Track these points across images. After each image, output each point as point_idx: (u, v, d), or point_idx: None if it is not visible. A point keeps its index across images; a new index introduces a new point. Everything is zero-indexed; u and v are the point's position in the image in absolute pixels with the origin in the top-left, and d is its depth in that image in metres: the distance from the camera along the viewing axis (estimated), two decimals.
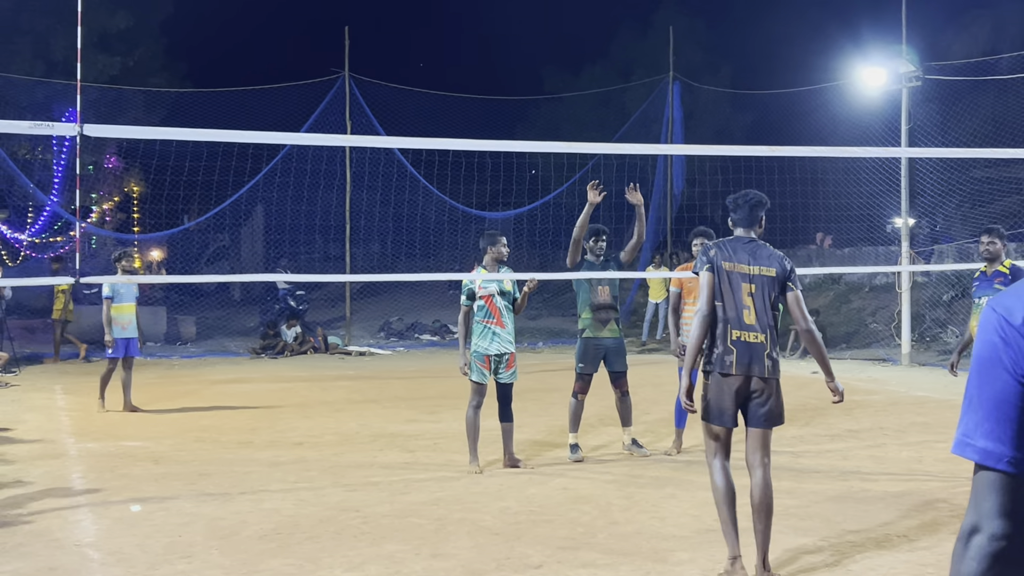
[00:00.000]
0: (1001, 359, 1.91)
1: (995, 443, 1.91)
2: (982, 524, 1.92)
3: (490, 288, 9.13)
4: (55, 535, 6.97)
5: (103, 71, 23.96)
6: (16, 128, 9.93)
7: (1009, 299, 1.96)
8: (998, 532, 1.90)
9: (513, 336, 9.23)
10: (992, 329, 1.95)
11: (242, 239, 34.13)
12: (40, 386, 15.70)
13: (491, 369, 9.10)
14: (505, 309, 9.14)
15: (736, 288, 5.99)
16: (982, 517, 1.93)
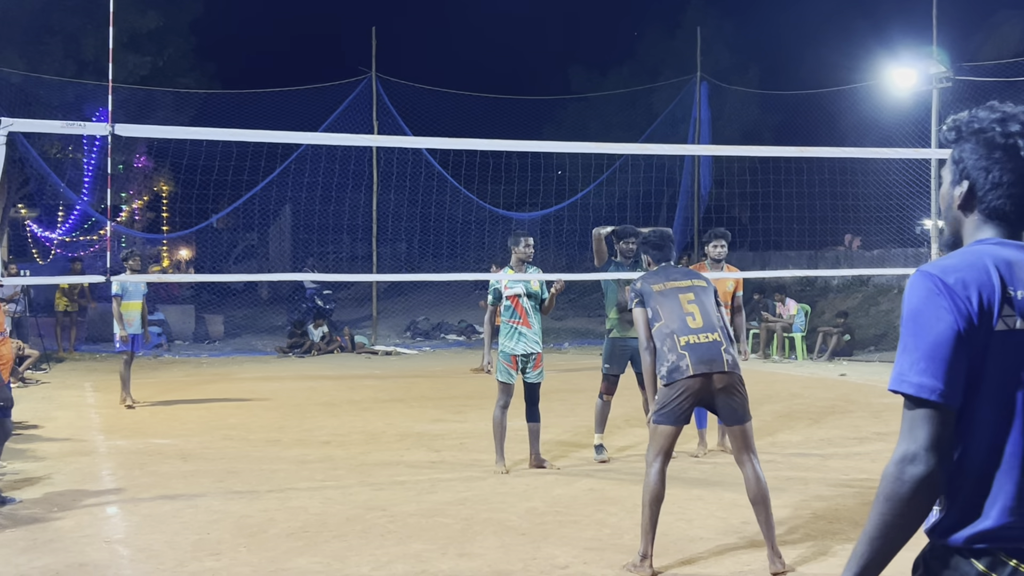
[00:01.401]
0: (935, 310, 2.17)
1: (929, 378, 2.14)
2: (914, 451, 2.14)
3: (516, 289, 9.14)
4: (85, 531, 7.04)
5: (133, 71, 24.08)
6: (49, 127, 10.02)
7: (942, 264, 2.25)
8: (928, 457, 2.12)
9: (540, 336, 9.23)
10: (926, 287, 2.21)
11: (270, 238, 34.29)
12: (70, 383, 15.83)
13: (518, 369, 9.11)
14: (532, 310, 9.13)
15: (673, 301, 6.25)
16: (916, 446, 2.14)
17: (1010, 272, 2.23)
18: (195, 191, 21.11)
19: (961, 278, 2.20)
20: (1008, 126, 2.31)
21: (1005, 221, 2.34)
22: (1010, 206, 2.32)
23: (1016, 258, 2.26)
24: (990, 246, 2.30)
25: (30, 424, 11.62)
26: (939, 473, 2.13)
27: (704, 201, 25.99)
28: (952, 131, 2.44)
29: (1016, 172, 2.30)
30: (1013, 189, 2.31)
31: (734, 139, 27.30)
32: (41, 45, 23.10)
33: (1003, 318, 2.18)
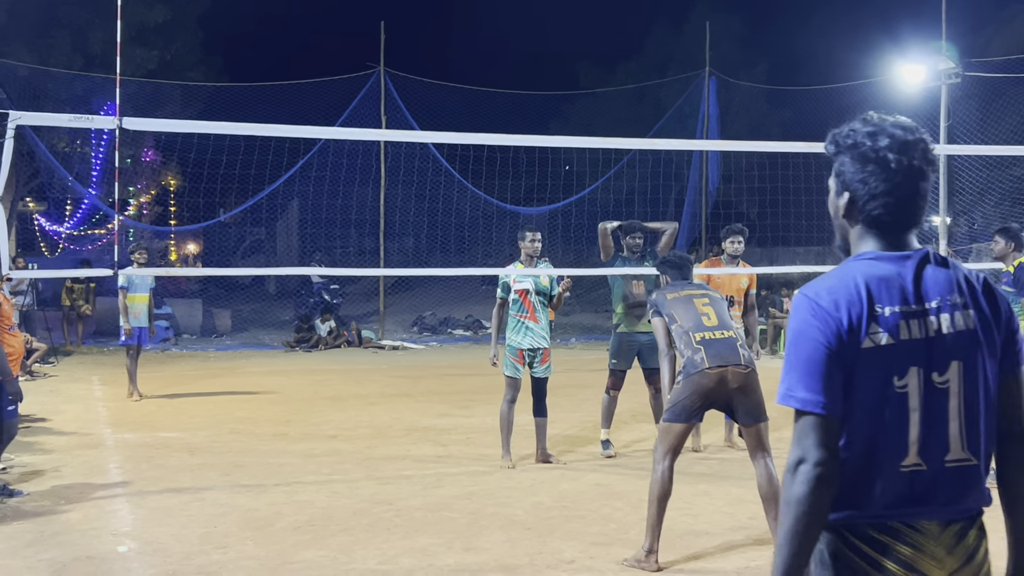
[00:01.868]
0: (811, 331, 2.42)
1: (811, 393, 2.38)
2: (806, 456, 2.37)
3: (524, 283, 9.14)
4: (92, 524, 7.05)
5: (141, 65, 24.11)
6: (57, 121, 10.04)
7: (817, 285, 2.48)
8: (818, 460, 2.35)
9: (548, 332, 9.22)
10: (804, 309, 2.45)
11: (277, 233, 34.35)
12: (77, 377, 15.86)
13: (524, 363, 9.11)
14: (540, 305, 9.13)
15: (688, 305, 6.42)
16: (805, 450, 2.37)
17: (879, 289, 2.43)
18: (203, 185, 21.13)
19: (833, 300, 2.43)
20: (878, 140, 2.51)
21: (884, 229, 2.52)
22: (887, 215, 2.50)
23: (888, 273, 2.46)
24: (865, 262, 2.49)
25: (38, 417, 11.64)
26: (829, 473, 2.36)
27: (712, 197, 25.95)
28: (831, 145, 2.64)
29: (889, 183, 2.48)
30: (888, 199, 2.48)
31: (742, 134, 27.28)
32: (49, 39, 23.14)
33: (869, 335, 2.40)
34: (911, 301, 2.44)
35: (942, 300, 2.46)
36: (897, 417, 2.41)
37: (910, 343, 2.42)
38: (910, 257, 2.51)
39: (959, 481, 2.45)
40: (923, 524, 2.42)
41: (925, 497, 2.43)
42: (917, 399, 2.42)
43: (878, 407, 2.41)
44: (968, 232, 22.09)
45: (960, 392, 2.45)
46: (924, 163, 2.52)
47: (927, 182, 2.53)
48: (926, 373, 2.43)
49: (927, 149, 2.54)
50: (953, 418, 2.44)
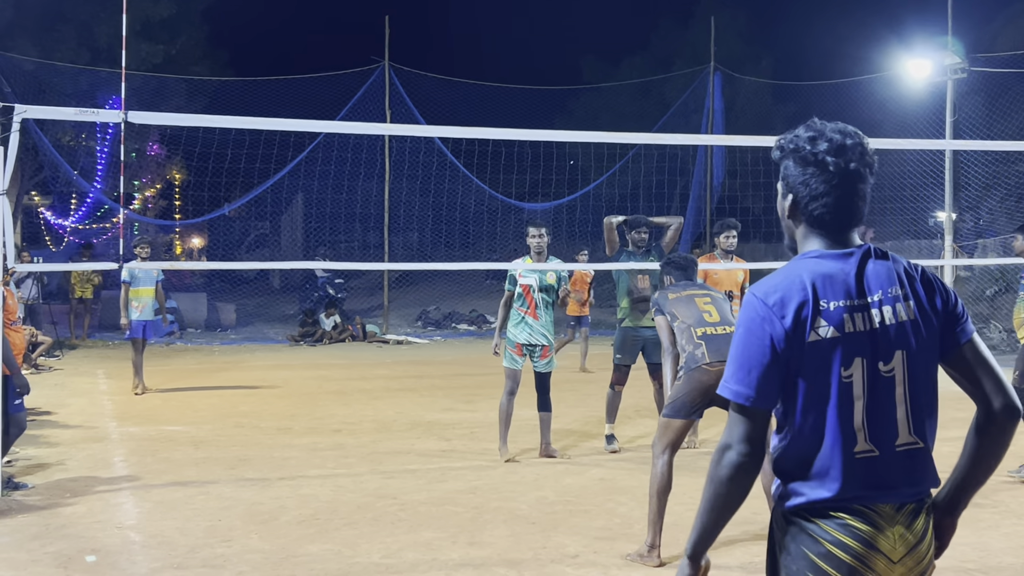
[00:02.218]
0: (756, 328, 2.58)
1: (744, 387, 2.57)
2: (731, 444, 2.59)
3: (528, 279, 9.15)
4: (97, 517, 7.06)
5: (146, 59, 24.13)
6: (62, 114, 10.03)
7: (766, 285, 2.64)
8: (742, 450, 2.57)
9: (549, 329, 9.21)
10: (752, 307, 2.61)
11: (282, 227, 34.34)
12: (83, 371, 15.88)
13: (524, 356, 9.12)
14: (543, 302, 9.13)
15: (690, 303, 6.49)
16: (732, 439, 2.59)
17: (824, 286, 2.60)
18: (208, 179, 21.13)
19: (780, 298, 2.59)
20: (817, 144, 2.67)
21: (826, 228, 2.69)
22: (827, 215, 2.67)
23: (832, 270, 2.63)
24: (811, 260, 2.66)
25: (43, 410, 11.66)
26: (750, 463, 2.57)
27: (716, 192, 25.90)
28: (777, 150, 2.80)
29: (828, 184, 2.65)
30: (827, 199, 2.65)
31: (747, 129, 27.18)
32: (54, 32, 23.16)
33: (815, 329, 2.57)
34: (854, 296, 2.61)
35: (884, 293, 2.63)
36: (844, 406, 2.57)
37: (854, 335, 2.58)
38: (852, 254, 2.67)
39: (910, 464, 2.66)
40: (879, 507, 2.59)
41: (881, 482, 2.59)
42: (862, 388, 2.58)
43: (826, 397, 2.58)
44: (974, 228, 22.05)
45: (904, 379, 2.63)
46: (862, 165, 2.67)
47: (865, 184, 2.68)
48: (871, 363, 2.59)
49: (865, 152, 2.68)
50: (900, 404, 2.63)
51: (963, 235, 21.17)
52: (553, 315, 9.31)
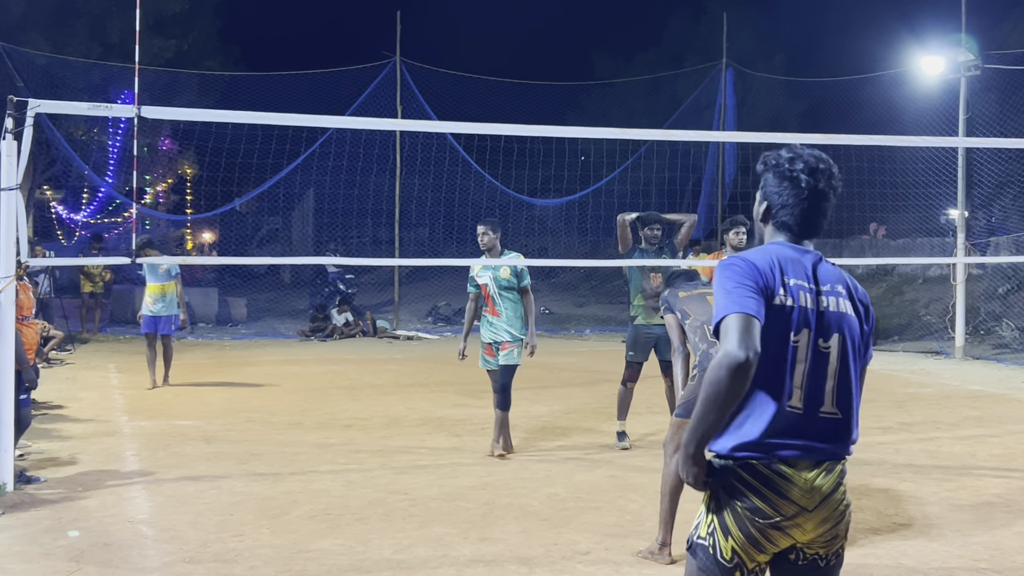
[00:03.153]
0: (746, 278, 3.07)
1: (740, 306, 2.99)
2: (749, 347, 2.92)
3: (483, 277, 9.18)
4: (109, 511, 7.08)
5: (158, 54, 24.18)
6: (76, 109, 10.04)
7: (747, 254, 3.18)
8: (743, 352, 2.90)
9: (513, 325, 9.09)
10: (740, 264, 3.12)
11: (293, 222, 34.37)
12: (94, 365, 15.93)
13: (495, 355, 9.13)
14: (500, 299, 9.09)
15: (701, 300, 6.52)
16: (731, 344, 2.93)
17: (788, 266, 3.17)
18: (219, 174, 21.15)
19: (764, 262, 3.14)
20: (795, 164, 3.26)
21: (790, 231, 3.28)
22: (791, 222, 3.27)
23: (794, 257, 3.21)
24: (780, 246, 3.25)
25: (55, 404, 11.70)
26: (747, 363, 2.90)
27: (728, 188, 25.86)
28: (761, 164, 3.37)
29: (797, 197, 3.25)
30: (795, 209, 3.25)
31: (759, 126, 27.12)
32: (67, 27, 23.21)
33: (779, 296, 3.09)
34: (809, 280, 3.17)
35: (831, 287, 3.19)
36: (790, 365, 3.07)
37: (805, 310, 3.10)
38: (808, 253, 3.26)
39: (828, 429, 3.11)
40: (798, 461, 3.04)
41: (799, 437, 3.05)
42: (805, 354, 3.08)
43: (776, 354, 3.05)
44: (986, 225, 21.96)
45: (837, 359, 3.12)
46: (828, 187, 3.26)
47: (827, 203, 3.27)
48: (814, 336, 3.10)
49: (832, 177, 3.28)
50: (830, 377, 3.11)
51: (976, 233, 21.09)
52: (520, 311, 9.16)
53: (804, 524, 3.04)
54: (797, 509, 3.03)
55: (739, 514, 3.04)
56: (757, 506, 3.02)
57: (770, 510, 3.02)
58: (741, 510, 3.04)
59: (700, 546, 3.14)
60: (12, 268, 7.60)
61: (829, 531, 3.10)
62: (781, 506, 3.02)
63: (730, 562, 3.06)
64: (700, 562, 3.13)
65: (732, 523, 3.06)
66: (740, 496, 3.04)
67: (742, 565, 3.07)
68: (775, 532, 3.04)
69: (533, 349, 9.15)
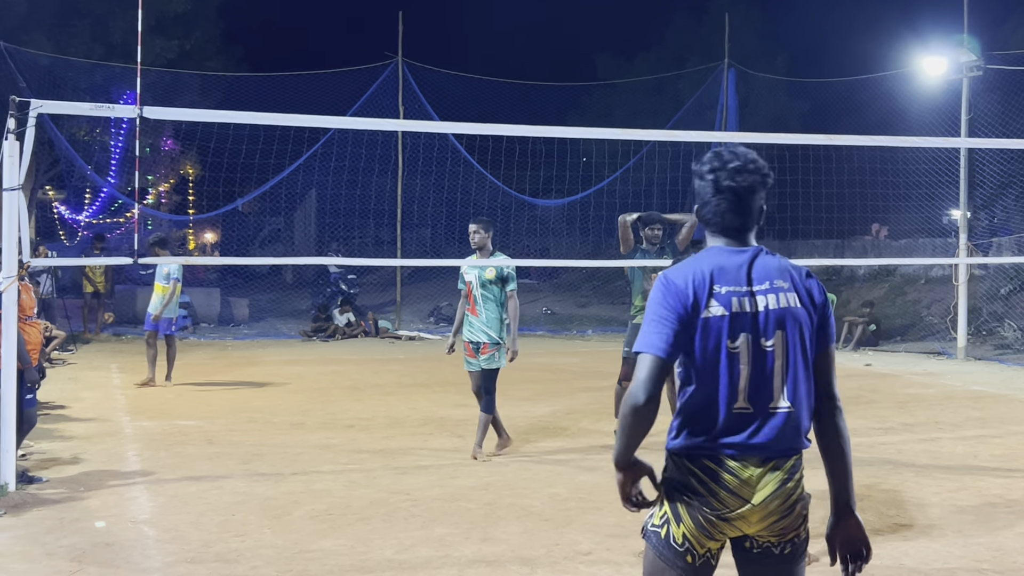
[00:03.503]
0: (665, 301, 3.22)
1: (657, 341, 3.18)
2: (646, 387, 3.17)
3: (470, 276, 9.14)
4: (111, 511, 7.09)
5: (160, 55, 24.17)
6: (78, 110, 10.06)
7: (673, 271, 3.31)
8: (649, 390, 3.18)
9: (492, 327, 9.02)
10: (661, 287, 3.26)
11: (295, 223, 34.36)
12: (96, 365, 15.94)
13: (476, 356, 9.08)
14: (483, 299, 9.06)
15: None
16: (646, 383, 3.17)
17: (719, 274, 3.24)
18: (222, 174, 21.14)
19: (684, 280, 3.24)
20: (710, 163, 3.37)
21: (720, 230, 3.36)
22: (715, 219, 3.36)
23: (727, 263, 3.28)
24: (712, 253, 3.33)
25: (57, 404, 11.71)
26: (653, 401, 3.18)
27: None
28: (694, 171, 3.48)
29: (713, 195, 3.34)
30: (716, 208, 3.34)
31: (761, 126, 27.11)
32: (69, 28, 23.21)
33: (708, 308, 3.19)
34: (743, 284, 3.23)
35: (770, 284, 3.25)
36: (730, 371, 3.18)
37: (740, 315, 3.19)
38: (746, 252, 3.31)
39: (780, 424, 3.19)
40: (745, 458, 3.17)
41: (751, 435, 3.17)
42: (747, 357, 3.18)
43: (716, 362, 3.19)
44: (988, 226, 21.93)
45: (783, 354, 3.21)
46: (741, 182, 3.32)
47: (741, 199, 3.33)
48: (754, 338, 3.19)
49: (745, 171, 3.33)
50: (777, 374, 3.20)
51: (978, 233, 21.06)
52: (500, 313, 9.10)
53: (750, 517, 3.17)
54: (742, 503, 3.17)
55: (689, 504, 3.21)
56: (705, 498, 3.18)
57: (716, 503, 3.17)
58: (690, 500, 3.21)
59: (654, 532, 3.31)
60: (15, 268, 7.61)
61: (776, 524, 3.20)
62: (726, 500, 3.17)
63: (681, 547, 3.23)
64: (654, 547, 3.30)
65: (683, 512, 3.22)
66: (690, 489, 3.21)
67: (692, 550, 3.22)
68: (722, 523, 3.18)
69: (514, 355, 9.07)
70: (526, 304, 27.89)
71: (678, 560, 3.24)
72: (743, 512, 3.17)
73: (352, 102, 22.71)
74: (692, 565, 3.23)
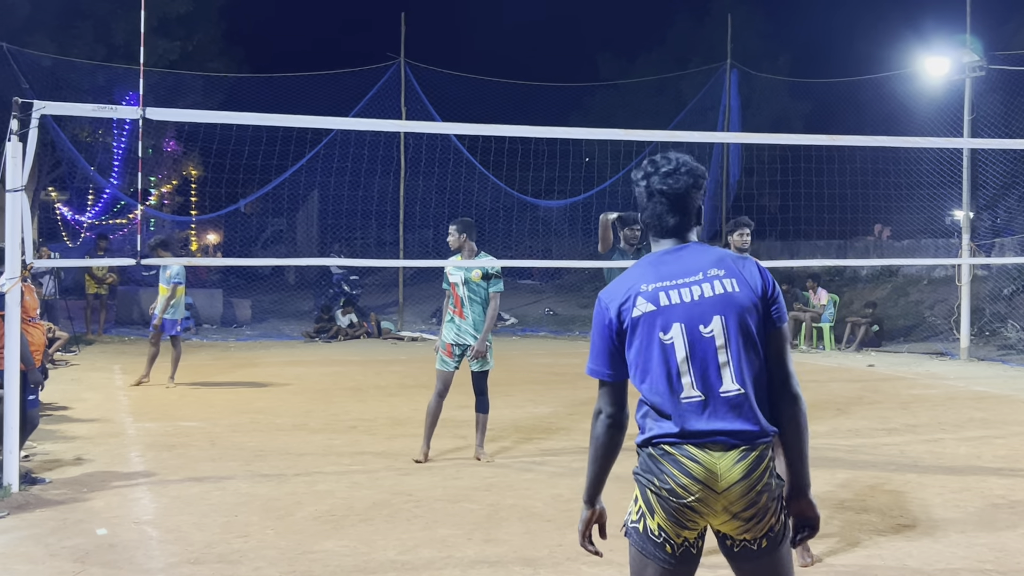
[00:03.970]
0: (600, 324, 3.42)
1: (598, 366, 3.43)
2: (602, 409, 3.42)
3: (455, 276, 9.11)
4: (114, 512, 7.09)
5: (163, 56, 24.20)
6: (81, 111, 10.06)
7: (606, 289, 3.48)
8: (610, 412, 3.40)
9: (479, 329, 9.01)
10: (597, 308, 3.45)
11: (298, 224, 34.38)
12: (99, 366, 15.94)
13: (453, 357, 9.05)
14: (469, 300, 9.04)
15: None
16: (601, 405, 3.42)
17: (646, 274, 3.40)
18: (224, 175, 21.15)
19: (610, 295, 3.44)
20: (647, 169, 3.52)
21: (659, 232, 3.50)
22: (653, 221, 3.51)
23: (657, 261, 3.44)
24: (645, 258, 3.48)
25: (59, 405, 11.71)
26: (616, 421, 3.39)
27: (733, 190, 25.85)
28: (632, 178, 3.62)
29: (649, 200, 3.51)
30: (652, 211, 3.50)
31: (764, 127, 27.13)
32: (72, 29, 23.23)
33: (636, 307, 3.34)
34: (674, 277, 3.36)
35: (703, 274, 3.34)
36: (668, 361, 3.28)
37: (671, 307, 3.31)
38: (678, 249, 3.44)
39: (734, 408, 3.25)
40: (708, 445, 3.23)
41: (708, 422, 3.24)
42: (683, 346, 3.28)
43: (654, 355, 3.30)
44: (991, 226, 21.91)
45: (725, 338, 3.28)
46: (668, 187, 3.44)
47: (685, 200, 3.45)
48: (691, 327, 3.29)
49: (676, 173, 3.45)
50: (722, 358, 3.27)
51: (981, 234, 21.05)
52: (483, 314, 9.09)
53: (713, 505, 3.22)
54: (704, 489, 3.22)
55: (658, 494, 3.28)
56: (671, 486, 3.24)
57: (681, 491, 3.23)
58: (658, 489, 3.27)
59: (633, 528, 3.40)
60: (18, 269, 7.61)
61: (742, 513, 3.23)
62: (688, 486, 3.22)
63: (659, 538, 3.30)
64: (635, 543, 3.39)
65: (655, 502, 3.29)
66: (657, 478, 3.28)
67: (669, 539, 3.29)
68: (689, 511, 3.24)
69: (477, 353, 8.99)
70: (529, 305, 27.92)
71: (658, 552, 3.31)
72: (705, 499, 3.22)
73: (354, 103, 22.72)
74: (673, 555, 3.30)
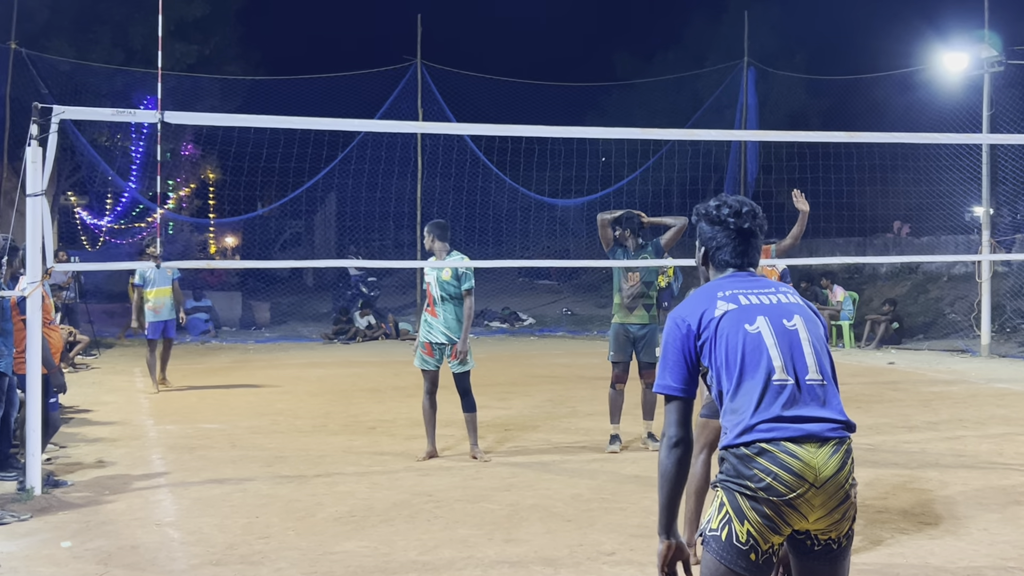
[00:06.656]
0: (672, 338, 3.48)
1: (672, 380, 3.46)
2: (672, 430, 3.40)
3: (429, 277, 9.19)
4: (136, 514, 7.12)
5: (180, 59, 24.28)
6: (100, 115, 10.12)
7: (680, 306, 3.57)
8: (679, 434, 3.39)
9: (450, 328, 9.04)
10: (670, 324, 3.51)
11: (315, 226, 34.47)
12: (119, 369, 16.03)
13: (433, 355, 9.08)
14: (441, 300, 9.07)
15: None
16: (670, 425, 3.41)
17: (726, 283, 3.56)
18: (242, 178, 21.26)
19: (688, 309, 3.52)
20: (721, 210, 3.63)
21: (736, 267, 3.63)
22: (729, 258, 3.64)
23: (731, 279, 3.59)
24: (722, 278, 3.62)
25: (81, 408, 11.78)
26: (685, 443, 3.39)
27: (751, 187, 25.74)
28: (695, 215, 3.75)
29: (728, 238, 3.62)
30: (728, 248, 3.63)
31: (781, 125, 27.02)
32: (90, 34, 23.35)
33: (715, 311, 3.44)
34: (750, 288, 3.52)
35: (775, 289, 3.55)
36: (758, 348, 3.36)
37: (752, 305, 3.45)
38: (750, 274, 3.62)
39: (818, 395, 3.34)
40: (801, 439, 3.25)
41: (797, 410, 3.29)
42: (770, 334, 3.38)
43: (739, 344, 3.37)
44: (1011, 222, 21.78)
45: (807, 333, 3.43)
46: (753, 226, 3.62)
47: (756, 239, 3.64)
48: (775, 319, 3.42)
49: (756, 216, 3.64)
50: (806, 349, 3.39)
51: (1001, 230, 20.93)
52: (457, 313, 9.10)
53: (813, 500, 3.20)
54: (806, 484, 3.20)
55: (752, 496, 3.22)
56: (767, 483, 3.20)
57: (781, 487, 3.19)
58: (754, 491, 3.21)
59: (713, 537, 3.30)
60: (39, 274, 7.66)
61: (836, 509, 3.25)
62: (789, 482, 3.20)
63: (745, 544, 3.23)
64: (714, 552, 3.29)
65: (746, 506, 3.22)
66: (751, 480, 3.23)
67: (756, 546, 3.22)
68: (788, 509, 3.20)
69: (459, 354, 9.04)
70: (547, 305, 27.91)
71: (741, 560, 3.24)
72: (807, 495, 3.20)
73: (371, 105, 22.77)
74: (755, 563, 3.25)
